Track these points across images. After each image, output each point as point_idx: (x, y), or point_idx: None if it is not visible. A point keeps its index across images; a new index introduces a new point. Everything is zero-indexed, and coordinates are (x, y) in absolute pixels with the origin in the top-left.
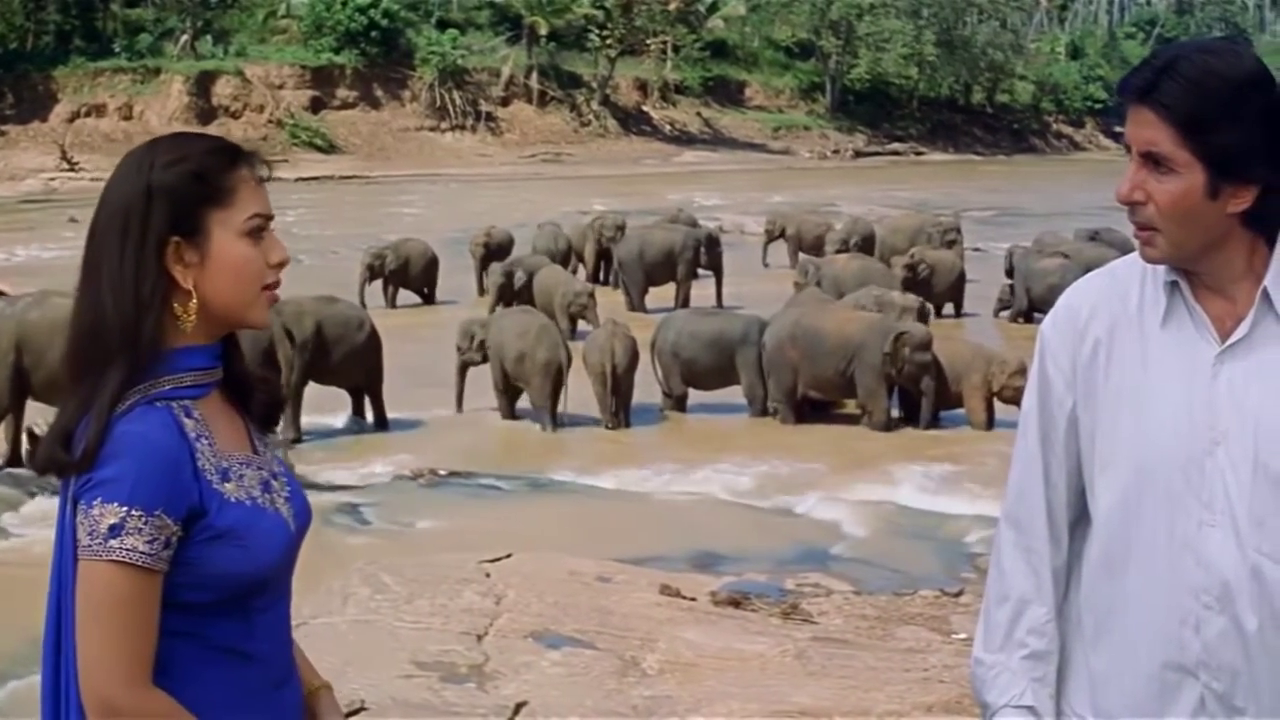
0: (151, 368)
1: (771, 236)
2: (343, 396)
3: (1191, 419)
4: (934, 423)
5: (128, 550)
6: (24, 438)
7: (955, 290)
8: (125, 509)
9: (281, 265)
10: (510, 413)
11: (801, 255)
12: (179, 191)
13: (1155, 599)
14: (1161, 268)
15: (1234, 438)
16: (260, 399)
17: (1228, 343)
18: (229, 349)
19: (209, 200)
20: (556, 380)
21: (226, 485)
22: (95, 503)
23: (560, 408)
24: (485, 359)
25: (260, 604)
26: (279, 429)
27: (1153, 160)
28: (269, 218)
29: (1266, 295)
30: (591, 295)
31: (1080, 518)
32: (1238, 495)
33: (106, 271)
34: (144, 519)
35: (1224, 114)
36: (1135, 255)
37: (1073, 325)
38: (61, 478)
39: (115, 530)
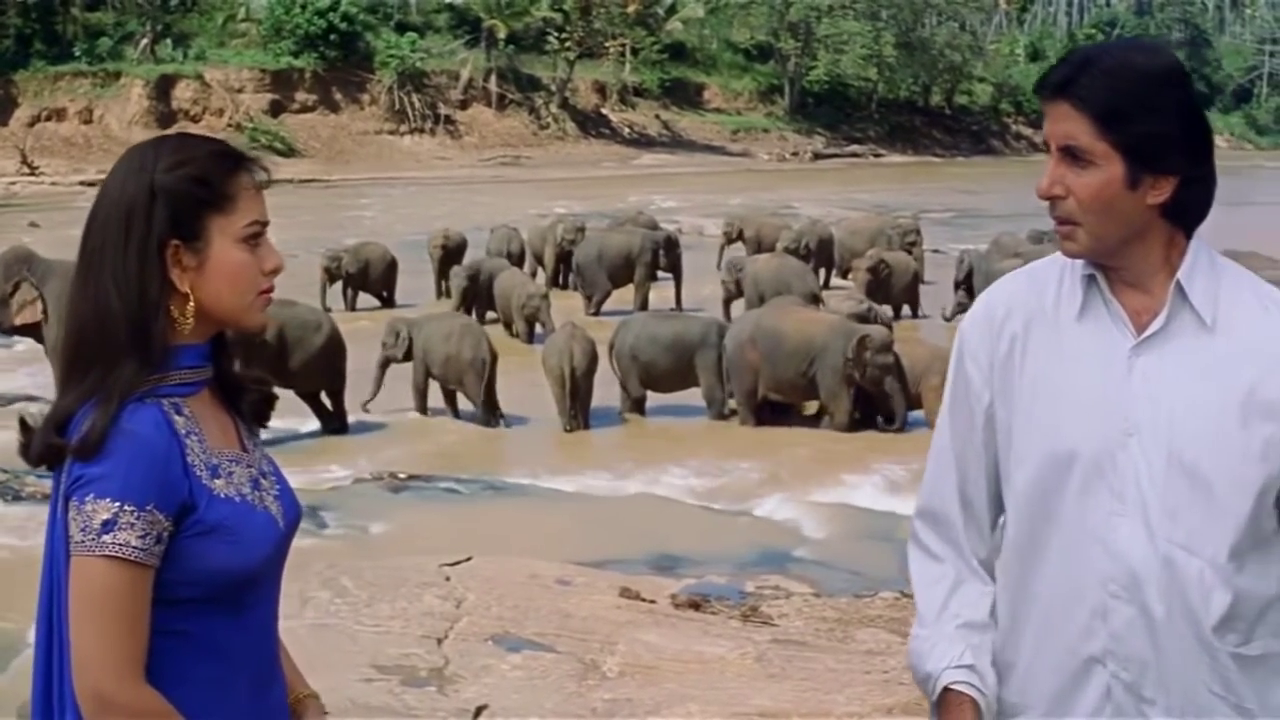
0: (161, 366)
1: (730, 239)
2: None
3: (1105, 411)
4: (897, 424)
5: (120, 545)
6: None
7: (911, 292)
8: (118, 504)
9: (275, 272)
10: (425, 410)
11: (726, 254)
12: (181, 195)
13: (1066, 589)
14: (1079, 262)
15: (1147, 430)
16: (252, 396)
17: (1143, 335)
18: (219, 348)
19: (210, 205)
20: (487, 377)
21: (216, 481)
22: (88, 499)
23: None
24: (408, 358)
25: (249, 601)
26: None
27: (1071, 154)
28: (265, 224)
29: (1180, 288)
30: (545, 297)
31: (1003, 513)
32: (1150, 486)
33: (110, 268)
34: (136, 514)
35: (1140, 105)
36: (1054, 255)
37: (990, 323)
38: (56, 466)
39: (108, 526)
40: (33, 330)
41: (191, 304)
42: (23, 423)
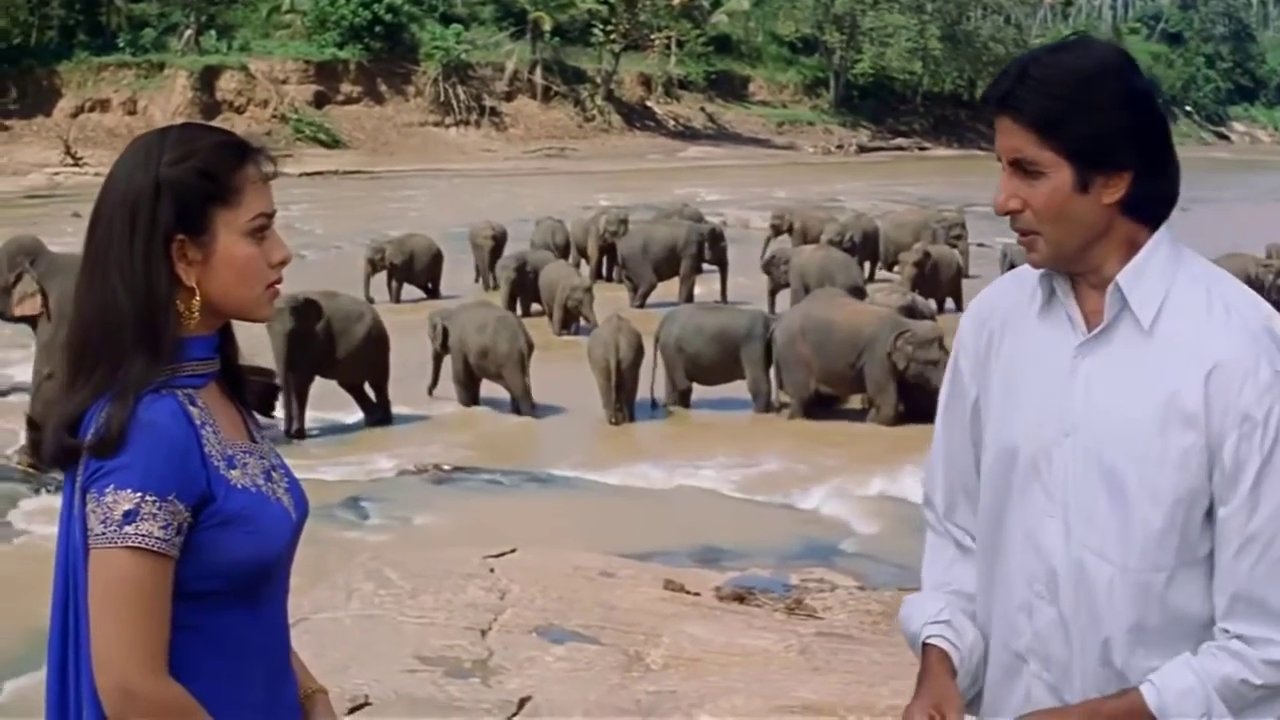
0: (172, 358)
1: (778, 231)
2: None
3: (1048, 410)
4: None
5: (143, 536)
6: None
7: (954, 286)
8: (139, 495)
9: (283, 264)
10: (469, 402)
11: (771, 247)
12: (187, 189)
13: (1008, 585)
14: None
15: (1082, 430)
16: (255, 386)
17: (1087, 336)
18: (224, 339)
19: (216, 199)
20: (524, 367)
21: (232, 472)
22: (108, 490)
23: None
24: (447, 350)
25: (264, 594)
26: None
27: (1020, 167)
28: (271, 216)
29: (1119, 289)
30: (588, 291)
31: None
32: (1074, 488)
33: (116, 263)
34: (158, 504)
35: (1077, 106)
36: None
37: (978, 319)
38: (70, 467)
39: (130, 516)
40: (33, 321)
41: (197, 298)
42: (30, 421)
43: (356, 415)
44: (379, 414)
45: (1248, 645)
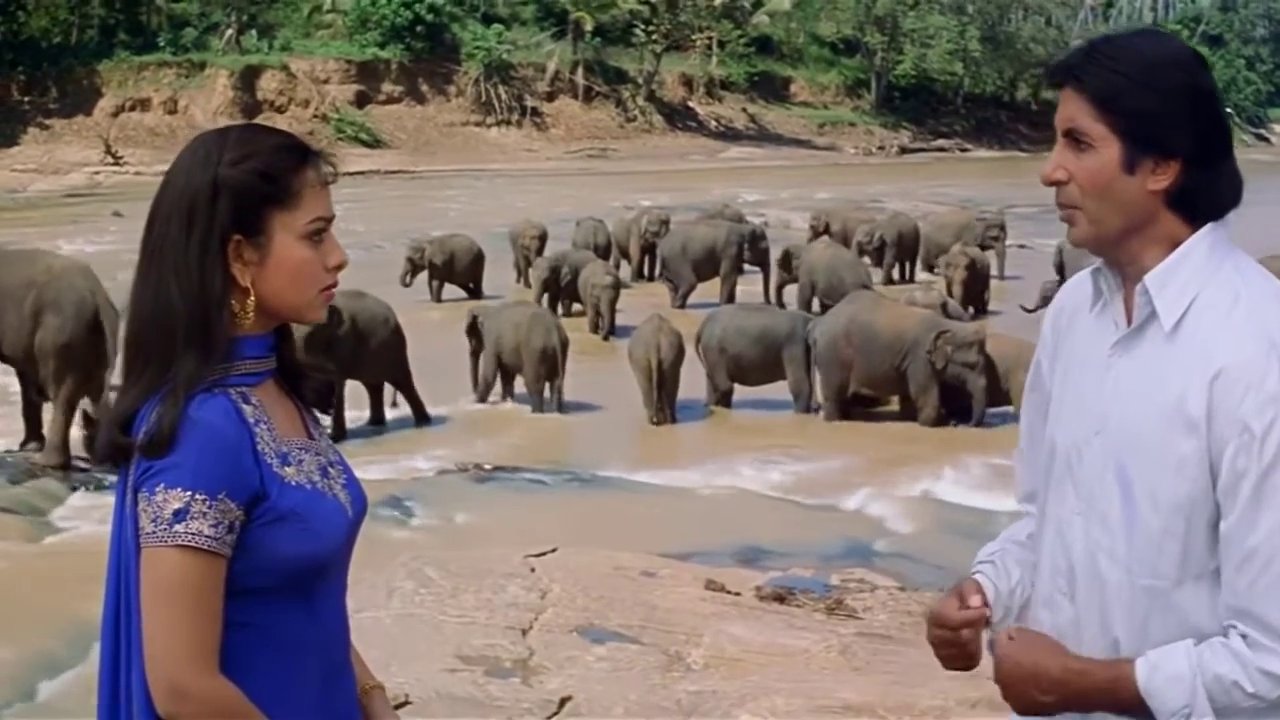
0: (225, 357)
1: (816, 232)
2: (389, 391)
3: (1083, 407)
4: (973, 421)
5: (193, 534)
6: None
7: (984, 288)
8: (189, 493)
9: (339, 268)
10: (485, 399)
11: (788, 245)
12: (245, 189)
13: (1040, 577)
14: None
15: (1109, 430)
16: (312, 383)
17: (1120, 335)
18: (280, 337)
19: (274, 201)
20: (550, 365)
21: (286, 469)
22: (158, 489)
23: (549, 393)
24: (482, 348)
25: (320, 591)
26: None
27: (1074, 138)
28: (330, 220)
29: (1146, 289)
30: (611, 288)
31: None
32: (1096, 487)
33: (171, 261)
34: (208, 503)
35: (1139, 85)
36: None
37: (1053, 315)
38: (122, 464)
39: (180, 515)
40: None
41: (252, 299)
42: (86, 417)
43: (396, 415)
44: (413, 413)
45: (1248, 647)
